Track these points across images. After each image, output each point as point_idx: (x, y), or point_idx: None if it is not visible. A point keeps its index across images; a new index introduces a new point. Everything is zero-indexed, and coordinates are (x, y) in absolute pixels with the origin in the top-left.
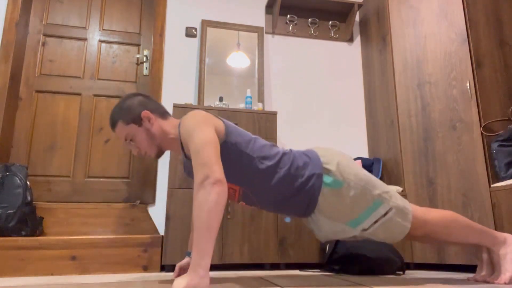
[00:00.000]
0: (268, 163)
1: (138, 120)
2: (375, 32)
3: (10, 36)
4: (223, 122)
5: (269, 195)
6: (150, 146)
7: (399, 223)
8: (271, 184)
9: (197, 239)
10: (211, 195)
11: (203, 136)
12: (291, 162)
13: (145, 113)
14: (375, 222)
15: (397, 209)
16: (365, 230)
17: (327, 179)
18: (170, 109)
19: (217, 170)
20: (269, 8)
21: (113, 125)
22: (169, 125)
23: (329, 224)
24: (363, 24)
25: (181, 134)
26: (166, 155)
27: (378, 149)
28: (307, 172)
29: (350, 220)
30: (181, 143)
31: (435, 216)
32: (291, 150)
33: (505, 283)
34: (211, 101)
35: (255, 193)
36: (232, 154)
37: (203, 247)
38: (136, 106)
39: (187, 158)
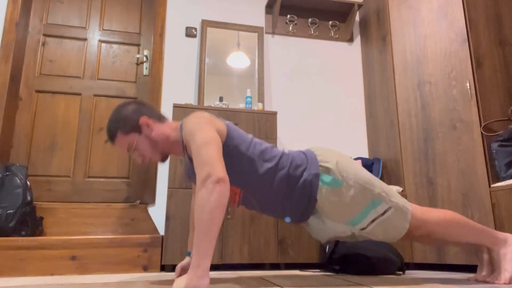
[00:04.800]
0: (268, 165)
1: (137, 128)
2: (375, 32)
3: (10, 36)
4: (225, 123)
5: (270, 196)
6: (154, 152)
7: (397, 223)
8: (272, 185)
9: (198, 239)
10: (213, 195)
11: (205, 135)
12: (289, 163)
13: (143, 119)
14: (373, 221)
15: (396, 208)
16: (363, 229)
17: (326, 178)
18: (170, 109)
19: (220, 169)
20: (269, 8)
21: (112, 138)
22: (168, 128)
23: (329, 224)
24: (363, 24)
25: (183, 135)
26: None
27: (378, 149)
28: (305, 172)
29: (350, 219)
30: (184, 145)
31: (435, 216)
32: (289, 151)
33: (505, 283)
34: (211, 101)
35: (256, 195)
36: (233, 156)
37: (203, 247)
38: (132, 114)
39: (190, 160)
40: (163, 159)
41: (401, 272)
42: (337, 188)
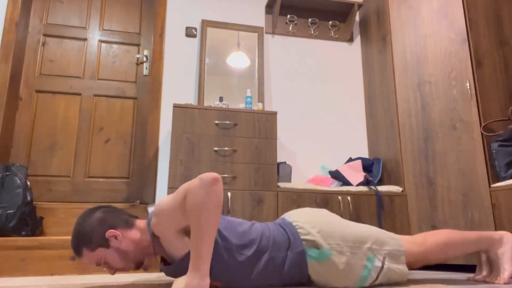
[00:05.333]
0: (247, 253)
1: (104, 242)
2: (375, 32)
3: (10, 36)
4: None
5: (255, 285)
6: (126, 263)
7: (396, 269)
8: (254, 273)
9: (196, 241)
10: (209, 196)
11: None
12: (271, 244)
13: (110, 233)
14: (377, 277)
15: (390, 256)
16: (374, 285)
17: (312, 252)
18: (170, 109)
19: (206, 174)
20: (269, 8)
21: (79, 254)
22: (138, 233)
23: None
24: (363, 24)
25: (152, 226)
26: (166, 155)
27: (378, 149)
28: (289, 251)
29: (354, 282)
30: (153, 245)
31: (431, 243)
32: (268, 227)
33: (505, 283)
34: (211, 101)
35: (241, 284)
36: None
37: (201, 248)
38: (97, 227)
39: (165, 263)
40: (138, 266)
41: None
42: (327, 260)
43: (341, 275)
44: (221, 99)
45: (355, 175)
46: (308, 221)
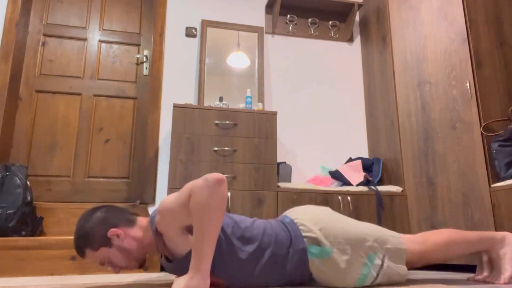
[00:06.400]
0: (250, 249)
1: (106, 242)
2: (375, 32)
3: (10, 36)
4: None
5: (258, 281)
6: (129, 262)
7: (395, 267)
8: (256, 270)
9: (197, 241)
10: (213, 197)
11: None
12: (273, 241)
13: (111, 232)
14: (377, 276)
15: (390, 254)
16: (373, 285)
17: (314, 249)
18: (170, 109)
19: (211, 174)
20: (269, 8)
21: (82, 254)
22: (140, 231)
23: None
24: (363, 24)
25: (156, 224)
26: (166, 155)
27: (378, 149)
28: (291, 248)
29: (355, 280)
30: (157, 243)
31: (432, 242)
32: (270, 224)
33: (505, 283)
34: (211, 101)
35: (242, 282)
36: None
37: (203, 249)
38: (99, 226)
39: (167, 259)
40: (141, 264)
41: None
42: (328, 258)
43: (342, 273)
44: (221, 99)
45: (355, 175)
46: (309, 218)
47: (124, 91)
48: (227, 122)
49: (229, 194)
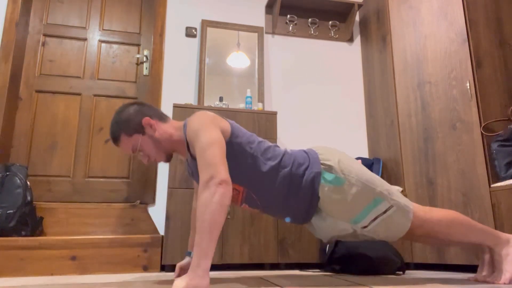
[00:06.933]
0: (271, 163)
1: (140, 129)
2: (375, 32)
3: (10, 36)
4: (229, 122)
5: (273, 194)
6: (158, 152)
7: (399, 221)
8: (274, 184)
9: (199, 239)
10: (215, 196)
11: (209, 136)
12: (292, 161)
13: (146, 120)
14: (375, 219)
15: (398, 207)
16: (365, 227)
17: (328, 176)
18: (170, 109)
19: (223, 171)
20: (269, 8)
21: (116, 140)
22: (171, 128)
23: (331, 223)
24: (363, 24)
25: (187, 135)
26: None
27: (378, 149)
28: (307, 170)
29: (352, 217)
30: (187, 144)
31: (437, 215)
32: (291, 151)
33: (505, 284)
34: (211, 101)
35: (259, 193)
36: (237, 154)
37: (204, 248)
38: (134, 115)
39: (193, 158)
40: (168, 159)
41: (401, 272)
42: (339, 186)
43: (345, 205)
44: (221, 99)
45: None
46: (331, 152)
47: (124, 91)
48: None
49: None
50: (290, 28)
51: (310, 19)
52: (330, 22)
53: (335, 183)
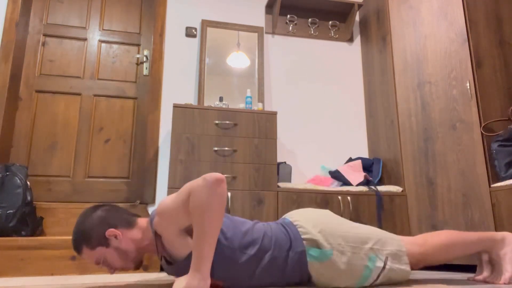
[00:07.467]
0: (250, 252)
1: (103, 241)
2: (375, 32)
3: (10, 36)
4: None
5: (257, 284)
6: (125, 263)
7: (398, 269)
8: (256, 273)
9: (198, 241)
10: (212, 197)
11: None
12: (273, 244)
13: (110, 232)
14: (378, 277)
15: (392, 256)
16: (375, 285)
17: (314, 252)
18: (170, 109)
19: (210, 174)
20: (269, 8)
21: (79, 251)
22: (139, 232)
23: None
24: (363, 24)
25: (155, 225)
26: (166, 155)
27: (378, 149)
28: (290, 251)
29: (356, 280)
30: (156, 244)
31: (432, 245)
32: (270, 226)
33: (505, 283)
34: (211, 101)
35: (242, 286)
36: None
37: (203, 249)
38: (98, 226)
39: (167, 262)
40: (137, 266)
41: None
42: (327, 261)
43: (342, 274)
44: (221, 99)
45: (355, 175)
46: (309, 220)
47: (124, 91)
48: (227, 122)
49: (229, 194)
50: (290, 28)
51: (310, 19)
52: (330, 22)
53: (323, 259)
